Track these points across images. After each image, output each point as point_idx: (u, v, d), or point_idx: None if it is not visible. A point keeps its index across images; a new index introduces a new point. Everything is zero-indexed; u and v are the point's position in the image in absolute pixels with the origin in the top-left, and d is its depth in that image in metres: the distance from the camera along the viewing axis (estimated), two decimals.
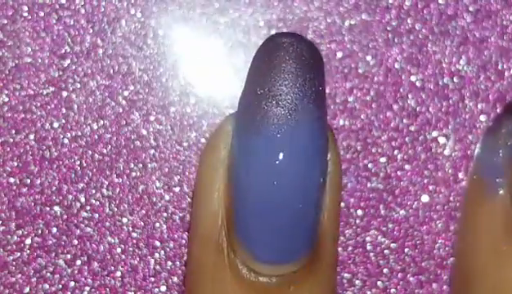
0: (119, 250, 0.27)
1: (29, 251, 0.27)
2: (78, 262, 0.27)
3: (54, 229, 0.27)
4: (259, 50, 0.21)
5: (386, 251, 0.28)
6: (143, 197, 0.28)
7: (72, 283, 0.27)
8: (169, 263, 0.27)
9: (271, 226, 0.20)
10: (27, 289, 0.27)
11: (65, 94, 0.28)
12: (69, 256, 0.27)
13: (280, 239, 0.20)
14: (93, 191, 0.27)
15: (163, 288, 0.27)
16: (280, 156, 0.20)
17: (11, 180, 0.27)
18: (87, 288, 0.27)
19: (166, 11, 0.28)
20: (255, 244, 0.20)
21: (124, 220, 0.27)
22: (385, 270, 0.28)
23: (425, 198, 0.28)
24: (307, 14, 0.28)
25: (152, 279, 0.27)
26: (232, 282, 0.21)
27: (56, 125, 0.27)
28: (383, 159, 0.28)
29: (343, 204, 0.27)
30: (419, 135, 0.28)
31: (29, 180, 0.27)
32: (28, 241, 0.27)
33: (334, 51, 0.28)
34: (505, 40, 0.28)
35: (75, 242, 0.27)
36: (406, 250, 0.28)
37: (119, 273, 0.27)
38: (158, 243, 0.27)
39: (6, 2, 0.27)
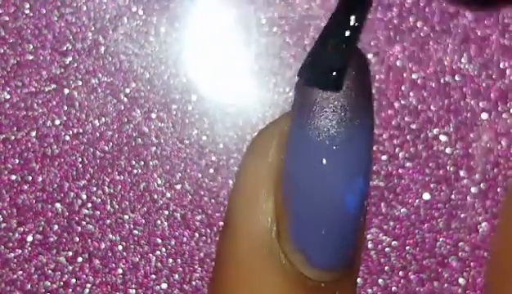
0: (120, 247, 0.27)
1: (30, 249, 0.27)
2: (80, 259, 0.27)
3: (55, 227, 0.27)
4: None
5: (387, 249, 0.28)
6: (144, 194, 0.28)
7: (73, 280, 0.27)
8: (170, 260, 0.27)
9: (328, 234, 0.20)
10: (28, 286, 0.27)
11: (66, 91, 0.28)
12: (70, 254, 0.27)
13: (333, 244, 0.20)
14: (95, 188, 0.27)
15: (165, 286, 0.28)
16: (342, 165, 0.20)
17: (13, 177, 0.27)
18: (89, 285, 0.27)
19: (168, 8, 0.28)
20: (311, 251, 0.20)
21: (126, 217, 0.27)
22: (386, 268, 0.28)
23: (426, 196, 0.28)
24: (308, 12, 0.28)
25: (153, 277, 0.27)
26: (283, 286, 0.21)
27: (57, 122, 0.27)
28: (384, 157, 0.28)
29: None
30: (421, 133, 0.28)
31: (30, 178, 0.27)
32: (29, 238, 0.27)
33: None
34: (507, 38, 0.28)
35: (76, 239, 0.27)
36: (407, 248, 0.28)
37: (120, 271, 0.27)
38: (159, 241, 0.27)
39: None
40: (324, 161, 0.20)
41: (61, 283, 0.27)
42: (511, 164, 0.28)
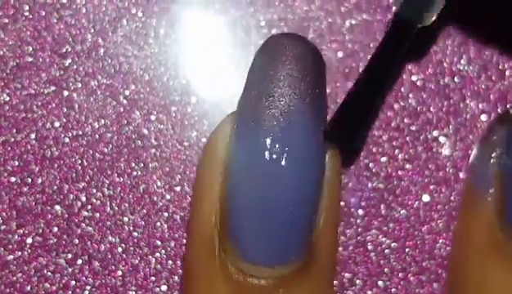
0: (119, 249, 0.27)
1: (29, 251, 0.27)
2: (79, 261, 0.27)
3: (55, 229, 0.27)
4: (258, 51, 0.21)
5: (387, 251, 0.28)
6: (144, 196, 0.28)
7: (73, 283, 0.27)
8: (170, 262, 0.27)
9: (261, 227, 0.20)
10: (28, 288, 0.27)
11: (66, 93, 0.28)
12: (69, 256, 0.27)
13: (270, 241, 0.20)
14: (94, 190, 0.27)
15: (164, 288, 0.27)
16: (273, 157, 0.20)
17: (12, 179, 0.27)
18: (88, 287, 0.27)
19: (167, 10, 0.28)
20: (245, 245, 0.20)
21: (125, 219, 0.27)
22: (386, 270, 0.28)
23: (426, 198, 0.28)
24: (308, 13, 0.28)
25: (153, 279, 0.27)
26: (222, 283, 0.21)
27: (57, 124, 0.27)
28: (384, 159, 0.28)
29: (343, 203, 0.27)
30: (420, 134, 0.28)
31: (29, 180, 0.27)
32: (29, 240, 0.27)
33: (335, 51, 0.28)
34: None
35: (76, 241, 0.27)
36: (406, 249, 0.28)
37: (119, 273, 0.27)
38: (159, 243, 0.27)
39: (7, 1, 0.27)
40: (261, 157, 0.20)
41: (61, 285, 0.27)
42: None
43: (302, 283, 0.21)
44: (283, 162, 0.20)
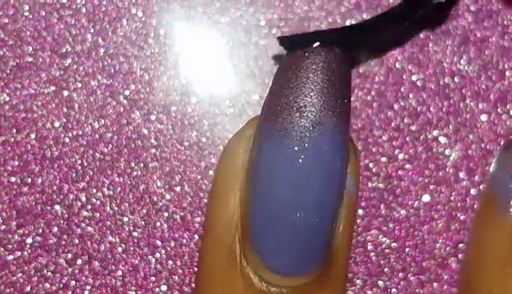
0: (119, 249, 0.27)
1: (29, 251, 0.27)
2: (79, 261, 0.27)
3: (55, 229, 0.27)
4: (286, 57, 0.21)
5: (387, 251, 0.28)
6: (144, 196, 0.28)
7: (73, 283, 0.27)
8: (170, 262, 0.27)
9: (285, 237, 0.20)
10: (28, 288, 0.27)
11: (66, 93, 0.28)
12: (69, 256, 0.27)
13: (294, 251, 0.20)
14: (94, 190, 0.27)
15: (164, 288, 0.28)
16: (300, 168, 0.20)
17: (12, 179, 0.27)
18: (88, 287, 0.27)
19: (167, 10, 0.28)
20: (268, 254, 0.20)
21: (125, 219, 0.27)
22: (386, 270, 0.28)
23: (426, 198, 0.28)
24: (308, 13, 0.28)
25: (153, 279, 0.28)
26: (242, 290, 0.21)
27: (57, 124, 0.27)
28: (383, 159, 0.28)
29: None
30: (420, 134, 0.28)
31: (29, 180, 0.27)
32: (29, 240, 0.27)
33: None
34: (506, 40, 0.28)
35: (76, 241, 0.27)
36: (406, 249, 0.28)
37: (119, 273, 0.27)
38: (159, 243, 0.27)
39: (7, 1, 0.27)
40: (288, 167, 0.20)
41: (61, 285, 0.27)
42: None
43: (321, 290, 0.21)
44: (310, 172, 0.20)
